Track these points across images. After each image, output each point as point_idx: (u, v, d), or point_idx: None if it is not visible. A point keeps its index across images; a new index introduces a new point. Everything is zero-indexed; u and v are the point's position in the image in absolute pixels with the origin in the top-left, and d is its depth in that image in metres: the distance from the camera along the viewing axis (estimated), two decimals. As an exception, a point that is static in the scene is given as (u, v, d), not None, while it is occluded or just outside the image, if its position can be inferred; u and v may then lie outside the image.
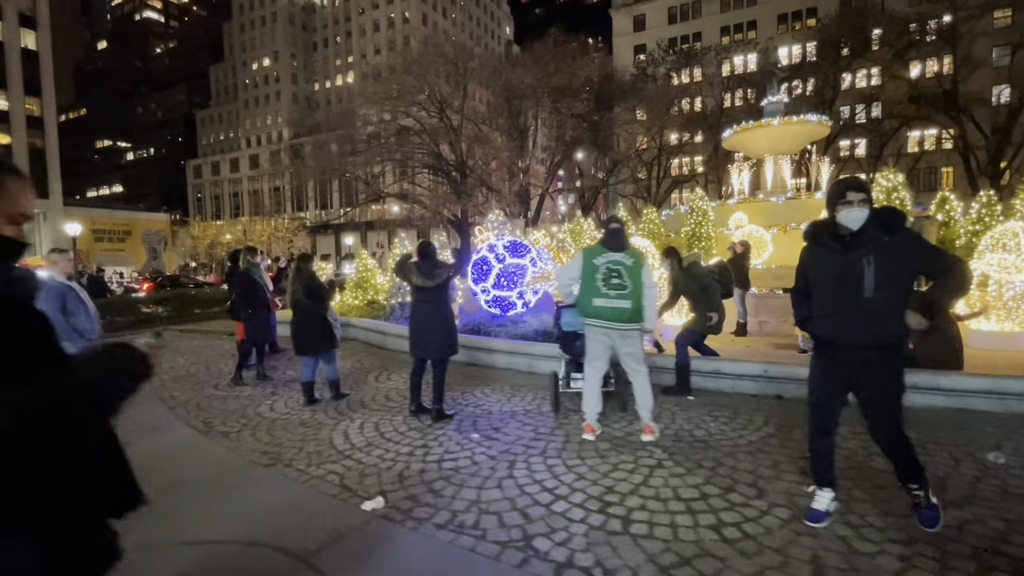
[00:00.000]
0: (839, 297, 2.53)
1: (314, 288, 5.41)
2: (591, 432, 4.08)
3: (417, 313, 4.81)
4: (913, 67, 28.83)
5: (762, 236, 14.16)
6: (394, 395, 5.79)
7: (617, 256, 3.89)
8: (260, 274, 6.91)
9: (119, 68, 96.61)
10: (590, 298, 3.86)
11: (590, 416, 4.10)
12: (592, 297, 3.85)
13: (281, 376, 6.97)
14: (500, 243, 10.11)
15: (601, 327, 3.91)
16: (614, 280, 3.82)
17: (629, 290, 3.83)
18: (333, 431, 4.63)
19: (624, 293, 3.82)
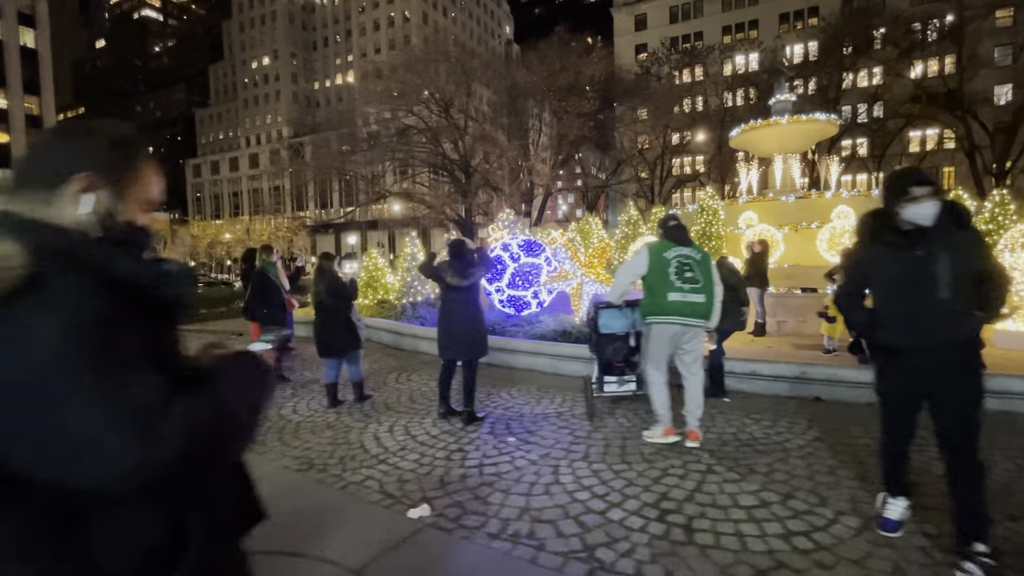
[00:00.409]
0: (911, 299, 2.33)
1: (338, 287, 5.27)
2: (672, 435, 3.88)
3: (448, 313, 4.67)
4: (917, 66, 28.74)
5: (773, 235, 14.04)
6: (418, 396, 5.66)
7: (686, 250, 3.75)
8: (276, 273, 6.77)
9: (117, 67, 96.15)
10: (664, 293, 3.67)
11: (666, 418, 3.90)
12: (667, 292, 3.67)
13: (299, 377, 6.84)
14: (515, 242, 9.99)
15: (675, 323, 3.73)
16: (688, 274, 3.68)
17: (702, 284, 3.69)
18: (363, 434, 4.50)
19: (698, 287, 3.68)
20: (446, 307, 4.71)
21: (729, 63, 37.08)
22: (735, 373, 5.28)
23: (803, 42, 44.25)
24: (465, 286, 4.56)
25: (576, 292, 8.58)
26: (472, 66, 26.04)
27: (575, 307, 8.62)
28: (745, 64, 37.54)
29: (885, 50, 28.01)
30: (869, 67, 29.56)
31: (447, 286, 4.61)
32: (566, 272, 8.67)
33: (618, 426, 4.42)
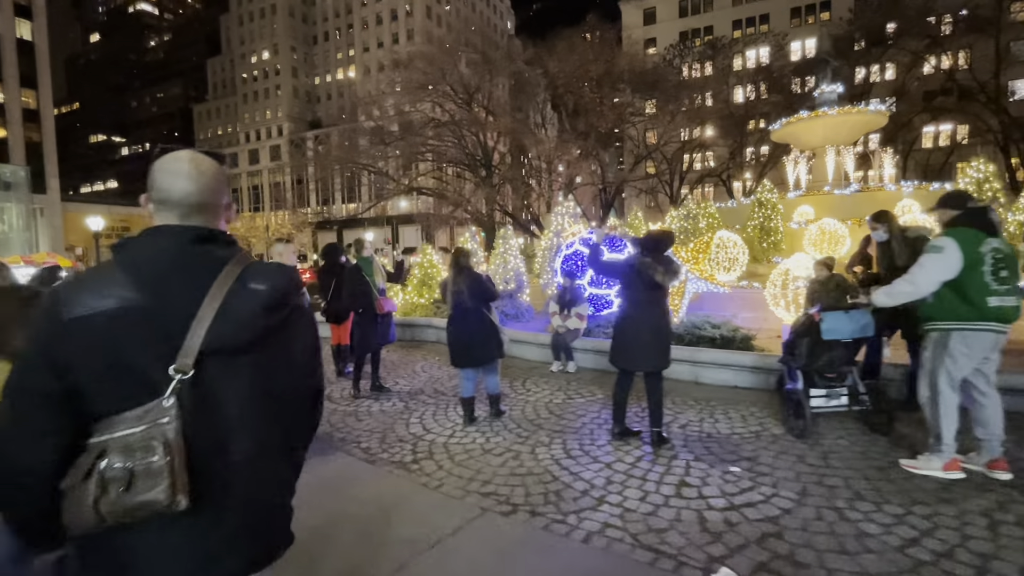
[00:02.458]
0: None
1: (483, 287, 4.54)
2: (957, 470, 3.18)
3: (635, 317, 3.95)
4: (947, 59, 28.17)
5: (838, 230, 13.39)
6: (556, 410, 4.95)
7: (996, 242, 3.05)
8: (372, 271, 5.98)
9: (113, 62, 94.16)
10: (983, 296, 2.97)
11: (951, 448, 3.20)
12: (985, 295, 2.97)
13: (395, 387, 6.10)
14: (595, 236, 9.26)
15: (996, 331, 3.04)
16: (1003, 272, 2.98)
17: (1015, 283, 2.99)
18: (538, 460, 3.79)
19: (1011, 288, 2.98)
20: (632, 310, 3.97)
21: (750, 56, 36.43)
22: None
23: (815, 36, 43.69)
24: (663, 285, 3.84)
25: (678, 290, 7.88)
26: (494, 56, 25.23)
27: (675, 307, 7.91)
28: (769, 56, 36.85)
29: (915, 40, 27.42)
30: (898, 60, 28.96)
31: (645, 285, 3.86)
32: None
33: (842, 448, 3.72)
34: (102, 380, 1.02)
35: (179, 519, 1.02)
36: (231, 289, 1.10)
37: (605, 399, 5.25)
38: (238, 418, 1.11)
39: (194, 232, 1.14)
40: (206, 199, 1.17)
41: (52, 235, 42.01)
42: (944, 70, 27.63)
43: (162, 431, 1.00)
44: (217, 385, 1.09)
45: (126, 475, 0.97)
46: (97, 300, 1.02)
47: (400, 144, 24.03)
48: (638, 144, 31.52)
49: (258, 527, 1.16)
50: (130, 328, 1.03)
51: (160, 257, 1.11)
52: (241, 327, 1.10)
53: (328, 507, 3.24)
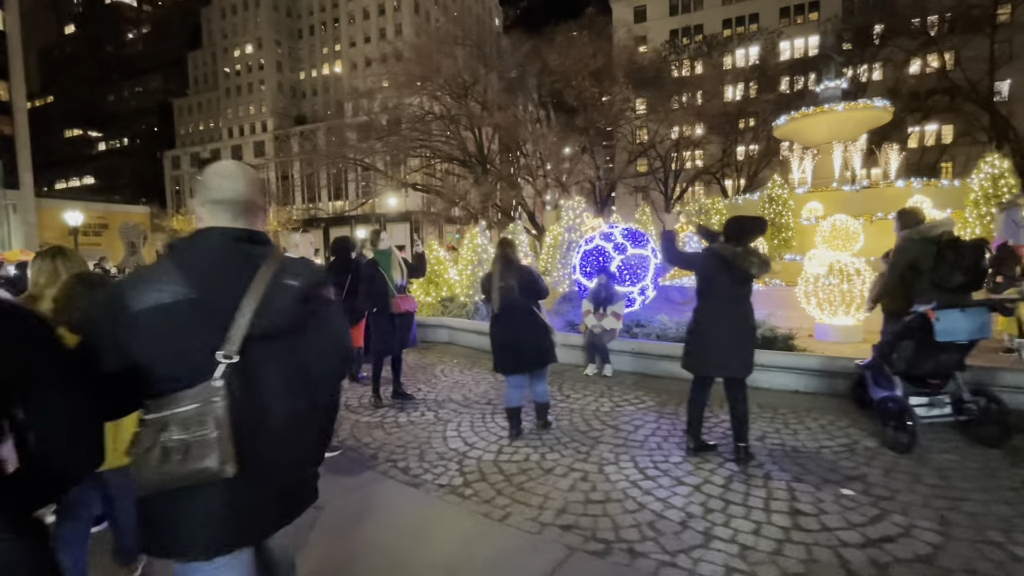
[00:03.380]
0: None
1: (535, 283, 4.01)
2: None
3: (717, 316, 3.45)
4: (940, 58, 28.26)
5: (852, 226, 13.09)
6: (607, 419, 4.46)
7: None
8: (389, 265, 5.42)
9: (89, 54, 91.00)
10: None
11: None
12: None
13: (419, 394, 5.54)
14: (617, 230, 8.79)
15: None
16: None
17: None
18: (609, 480, 3.29)
19: None
20: (716, 307, 3.47)
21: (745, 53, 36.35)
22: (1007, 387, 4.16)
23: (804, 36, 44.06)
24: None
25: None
26: (489, 50, 24.65)
27: (706, 305, 7.47)
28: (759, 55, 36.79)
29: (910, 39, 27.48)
30: (893, 59, 29.01)
31: (733, 279, 3.36)
32: (699, 264, 7.49)
33: (956, 464, 3.28)
34: (161, 363, 1.19)
35: (226, 482, 1.19)
36: (269, 284, 1.26)
37: (657, 406, 4.77)
38: (276, 397, 1.28)
39: (238, 233, 1.30)
40: (255, 202, 1.34)
41: (26, 232, 40.43)
42: (938, 69, 27.70)
43: (213, 408, 1.16)
44: (258, 368, 1.25)
45: (183, 446, 1.14)
46: (158, 295, 1.18)
47: (393, 139, 23.31)
48: (631, 142, 31.17)
49: (290, 489, 1.36)
50: (185, 319, 1.19)
51: (209, 256, 1.27)
52: (278, 317, 1.27)
53: (375, 542, 2.70)
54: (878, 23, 28.85)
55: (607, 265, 8.48)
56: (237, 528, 1.26)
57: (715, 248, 3.43)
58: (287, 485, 1.35)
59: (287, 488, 1.35)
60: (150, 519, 1.25)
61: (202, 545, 1.24)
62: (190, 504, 1.21)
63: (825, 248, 12.88)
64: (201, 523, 1.23)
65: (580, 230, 10.94)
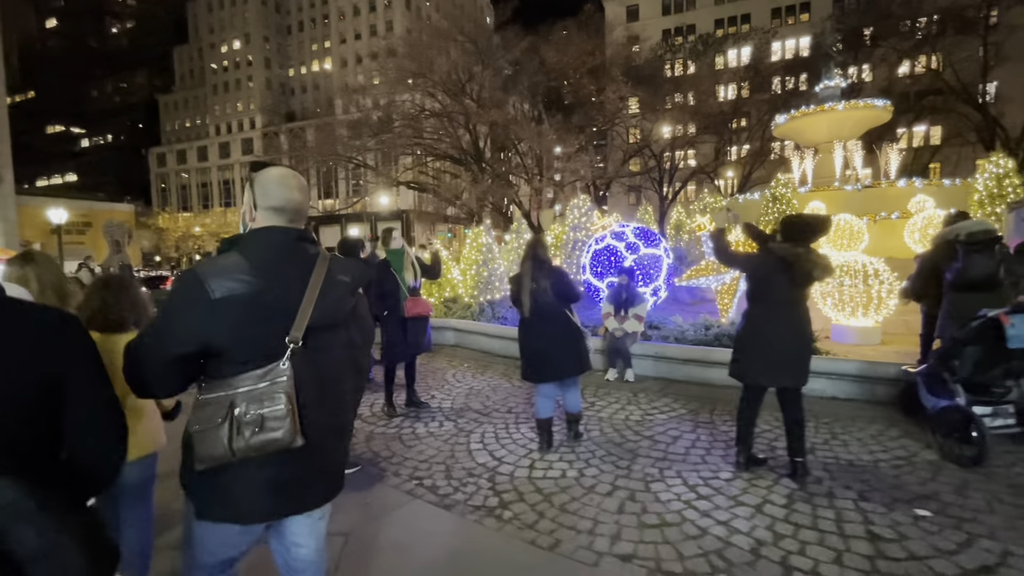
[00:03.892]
0: None
1: (569, 284, 3.74)
2: None
3: (771, 322, 3.20)
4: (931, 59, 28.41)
5: (856, 225, 13.00)
6: (639, 429, 4.20)
7: None
8: (401, 265, 5.10)
9: (71, 48, 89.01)
10: None
11: None
12: None
13: (433, 401, 5.25)
14: (629, 229, 8.55)
15: None
16: None
17: None
18: (660, 500, 3.03)
19: None
20: (771, 311, 3.21)
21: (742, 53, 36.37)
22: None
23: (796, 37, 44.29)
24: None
25: (729, 289, 7.21)
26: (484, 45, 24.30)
27: (724, 307, 7.25)
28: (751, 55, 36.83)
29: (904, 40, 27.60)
30: (887, 59, 29.13)
31: (792, 282, 3.11)
32: (718, 265, 7.27)
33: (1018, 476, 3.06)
34: (236, 346, 1.34)
35: (290, 455, 1.34)
36: (325, 279, 1.44)
37: (690, 414, 4.52)
38: (331, 377, 1.48)
39: (296, 233, 1.47)
40: (304, 207, 1.51)
41: (6, 229, 39.17)
42: (930, 70, 27.84)
43: (283, 386, 1.32)
44: (318, 353, 1.43)
45: (259, 419, 1.28)
46: (234, 284, 1.32)
47: (386, 136, 22.88)
48: (625, 140, 31.01)
49: (334, 465, 1.53)
50: (258, 308, 1.35)
51: (275, 251, 1.42)
52: (335, 308, 1.47)
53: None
54: (870, 25, 28.98)
55: (621, 264, 8.24)
56: (291, 496, 1.41)
57: (774, 248, 3.18)
58: (332, 462, 1.50)
59: (332, 465, 1.50)
60: (211, 488, 1.35)
61: (260, 511, 1.38)
62: (255, 473, 1.34)
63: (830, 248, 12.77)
64: (262, 491, 1.35)
65: (587, 229, 10.69)
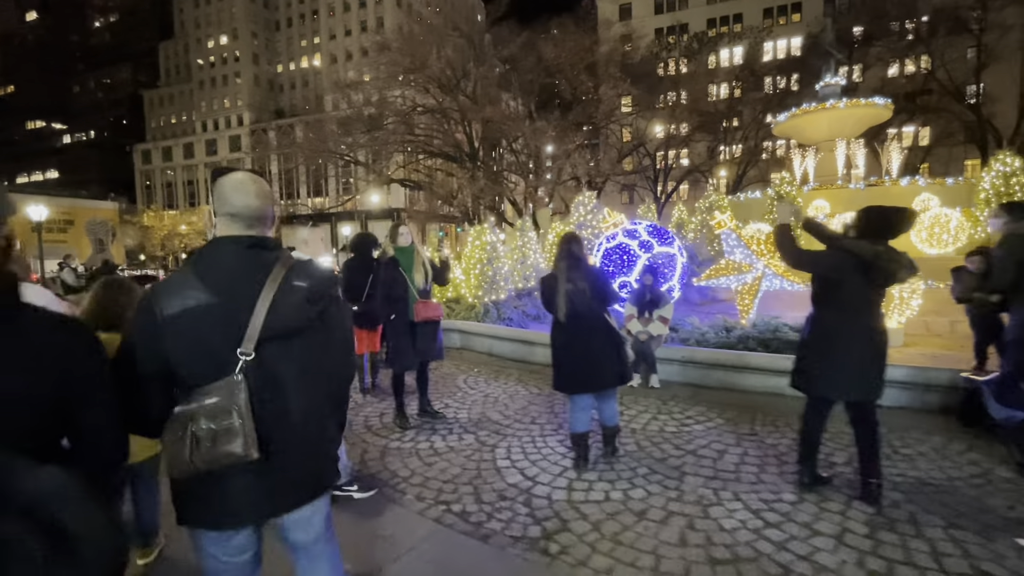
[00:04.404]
0: None
1: (608, 285, 3.38)
2: None
3: (843, 327, 2.86)
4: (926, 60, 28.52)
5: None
6: (677, 442, 3.86)
7: None
8: (411, 265, 4.67)
9: (53, 42, 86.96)
10: None
11: None
12: None
13: (446, 409, 4.86)
14: (642, 227, 8.22)
15: None
16: None
17: None
18: (724, 529, 2.68)
19: None
20: (840, 316, 2.87)
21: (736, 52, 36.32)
22: None
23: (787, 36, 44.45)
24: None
25: (751, 289, 6.91)
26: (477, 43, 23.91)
27: (744, 307, 6.95)
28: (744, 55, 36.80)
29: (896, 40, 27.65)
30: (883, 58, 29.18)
31: (870, 283, 2.78)
32: (739, 264, 6.96)
33: None
34: (189, 361, 1.35)
35: (252, 466, 1.33)
36: (280, 287, 1.40)
37: (729, 425, 4.19)
38: (293, 389, 1.43)
39: (249, 240, 1.44)
40: (265, 212, 1.48)
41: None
42: (923, 71, 27.92)
43: (235, 400, 1.31)
44: (275, 363, 1.40)
45: (211, 434, 1.29)
46: (183, 301, 1.34)
47: (381, 132, 22.37)
48: (619, 139, 30.78)
49: (311, 471, 1.50)
50: (208, 322, 1.34)
51: (225, 263, 1.41)
52: (289, 317, 1.41)
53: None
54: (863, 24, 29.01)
55: (634, 263, 7.92)
56: (262, 504, 1.41)
57: (848, 245, 2.84)
58: (308, 469, 1.48)
59: (308, 472, 1.48)
60: (184, 496, 1.39)
61: (231, 518, 1.40)
62: (220, 484, 1.35)
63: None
64: (230, 500, 1.37)
65: (593, 227, 10.35)
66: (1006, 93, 29.92)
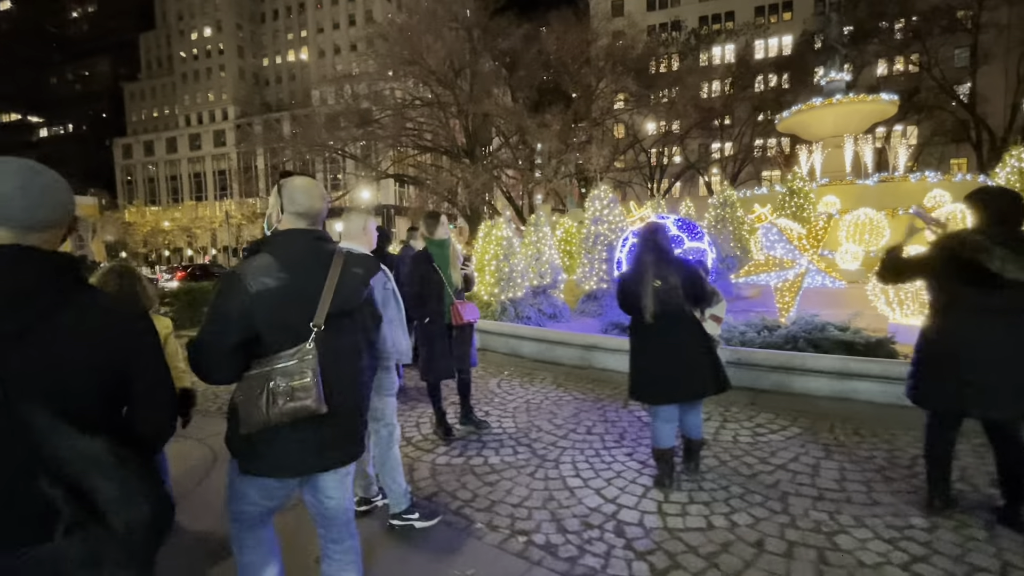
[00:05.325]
0: None
1: (703, 281, 2.99)
2: None
3: (974, 332, 2.47)
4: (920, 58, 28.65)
5: (878, 220, 12.63)
6: (756, 454, 3.48)
7: None
8: (447, 261, 4.09)
9: (28, 33, 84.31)
10: None
11: None
12: None
13: (493, 421, 4.43)
14: (670, 221, 7.86)
15: None
16: None
17: None
18: (872, 567, 2.28)
19: None
20: (973, 320, 2.49)
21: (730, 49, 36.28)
22: None
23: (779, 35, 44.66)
24: None
25: (792, 286, 6.57)
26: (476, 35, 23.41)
27: (785, 305, 6.61)
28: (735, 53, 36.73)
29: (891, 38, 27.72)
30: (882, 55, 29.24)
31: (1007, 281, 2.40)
32: (780, 259, 6.61)
33: None
34: (271, 331, 1.59)
35: (315, 421, 1.58)
36: (342, 272, 1.69)
37: (809, 435, 3.83)
38: (348, 356, 1.73)
39: (315, 234, 1.74)
40: (323, 213, 1.77)
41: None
42: (921, 67, 28.04)
43: (309, 363, 1.55)
44: (336, 335, 1.66)
45: (289, 391, 1.52)
46: (267, 280, 1.58)
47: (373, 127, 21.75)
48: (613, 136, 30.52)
49: (353, 431, 1.78)
50: (287, 298, 1.59)
51: (298, 250, 1.68)
52: (351, 297, 1.71)
53: None
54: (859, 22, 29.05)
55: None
56: (315, 457, 1.68)
57: (976, 239, 2.45)
58: (352, 428, 1.77)
59: (351, 431, 1.77)
60: (251, 449, 1.62)
61: (292, 467, 1.67)
62: (288, 436, 1.60)
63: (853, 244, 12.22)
64: (294, 451, 1.63)
65: (610, 222, 9.98)
66: (995, 93, 30.21)
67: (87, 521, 0.97)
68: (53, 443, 0.97)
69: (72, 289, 1.13)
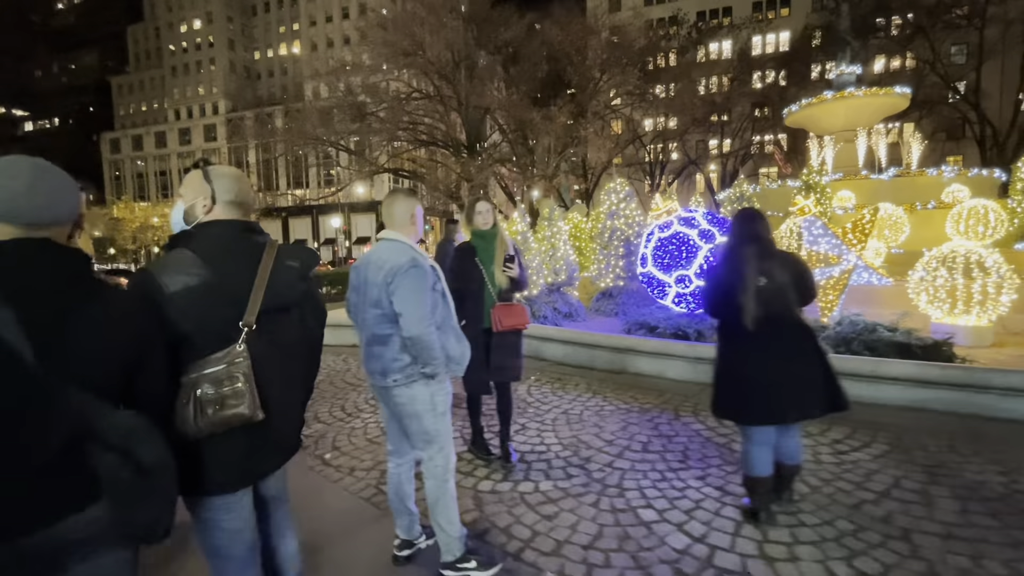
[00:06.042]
0: None
1: (811, 281, 2.51)
2: None
3: None
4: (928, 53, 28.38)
5: (898, 216, 12.28)
6: (849, 475, 3.02)
7: None
8: (491, 257, 3.38)
9: (11, 24, 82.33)
10: None
11: None
12: None
13: (524, 449, 3.94)
14: (699, 214, 7.39)
15: None
16: None
17: None
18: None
19: None
20: None
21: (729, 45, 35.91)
22: None
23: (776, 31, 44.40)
24: None
25: (837, 284, 6.12)
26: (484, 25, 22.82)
27: (828, 304, 6.16)
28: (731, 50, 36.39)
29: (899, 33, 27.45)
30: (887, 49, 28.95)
31: None
32: (825, 255, 6.15)
33: None
34: (193, 334, 1.42)
35: (252, 426, 1.44)
36: (274, 266, 1.54)
37: (896, 451, 3.38)
38: (284, 356, 1.58)
39: (241, 224, 1.57)
40: (252, 199, 1.65)
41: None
42: (925, 62, 27.76)
43: (239, 367, 1.42)
44: (272, 333, 1.52)
45: (218, 398, 1.39)
46: (186, 278, 1.41)
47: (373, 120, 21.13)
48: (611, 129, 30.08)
49: (291, 432, 1.67)
50: (210, 296, 1.43)
51: (222, 243, 1.51)
52: (284, 293, 1.56)
53: None
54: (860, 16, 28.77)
55: (695, 254, 7.10)
56: (258, 463, 1.56)
57: None
58: (289, 430, 1.65)
59: (289, 433, 1.65)
60: (187, 464, 1.39)
61: (233, 479, 1.51)
62: (222, 446, 1.45)
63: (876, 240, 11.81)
64: (233, 461, 1.48)
65: (626, 216, 9.52)
66: (996, 89, 30.05)
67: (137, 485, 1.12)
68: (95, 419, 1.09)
69: (94, 283, 1.20)
